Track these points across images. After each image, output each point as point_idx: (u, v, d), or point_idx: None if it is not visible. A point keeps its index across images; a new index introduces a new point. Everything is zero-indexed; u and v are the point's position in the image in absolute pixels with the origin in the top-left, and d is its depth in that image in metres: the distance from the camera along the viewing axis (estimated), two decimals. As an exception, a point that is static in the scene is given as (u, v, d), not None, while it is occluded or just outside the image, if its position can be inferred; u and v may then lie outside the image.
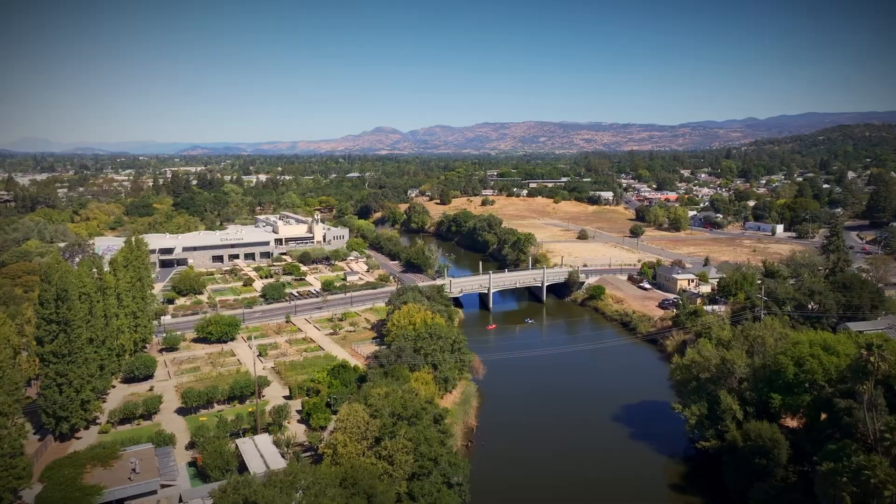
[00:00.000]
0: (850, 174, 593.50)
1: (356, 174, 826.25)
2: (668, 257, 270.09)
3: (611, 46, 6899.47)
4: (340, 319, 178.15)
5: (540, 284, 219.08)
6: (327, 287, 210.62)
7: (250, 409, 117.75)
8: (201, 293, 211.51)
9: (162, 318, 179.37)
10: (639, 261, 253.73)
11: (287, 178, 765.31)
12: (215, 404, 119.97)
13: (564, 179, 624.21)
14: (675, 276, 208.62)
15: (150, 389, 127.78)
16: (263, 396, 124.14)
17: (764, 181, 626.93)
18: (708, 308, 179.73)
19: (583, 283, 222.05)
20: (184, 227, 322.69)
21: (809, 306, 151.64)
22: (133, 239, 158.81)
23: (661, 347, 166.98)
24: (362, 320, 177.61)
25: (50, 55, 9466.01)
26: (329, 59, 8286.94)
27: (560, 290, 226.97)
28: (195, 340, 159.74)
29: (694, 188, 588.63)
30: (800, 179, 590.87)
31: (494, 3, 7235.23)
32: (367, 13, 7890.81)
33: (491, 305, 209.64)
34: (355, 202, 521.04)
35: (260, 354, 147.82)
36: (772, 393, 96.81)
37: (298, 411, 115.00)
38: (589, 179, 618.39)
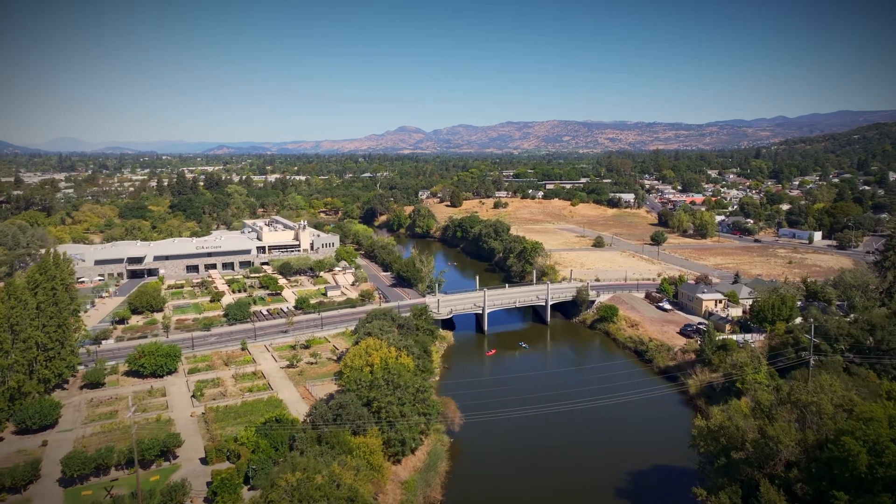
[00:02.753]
0: (892, 175, 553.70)
1: (368, 174, 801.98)
2: (693, 269, 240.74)
3: (637, 44, 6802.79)
4: (304, 347, 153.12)
5: (543, 303, 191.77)
6: (301, 305, 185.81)
7: (153, 478, 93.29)
8: (161, 310, 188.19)
9: (104, 342, 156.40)
10: (658, 275, 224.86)
11: (300, 178, 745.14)
12: (112, 470, 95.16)
13: (584, 180, 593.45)
14: (699, 295, 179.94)
15: (44, 444, 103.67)
16: (176, 458, 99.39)
17: (797, 182, 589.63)
18: (739, 338, 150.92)
19: (593, 301, 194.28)
20: (165, 232, 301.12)
21: (868, 342, 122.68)
22: (51, 253, 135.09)
23: (682, 386, 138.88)
24: (329, 348, 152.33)
25: (84, 57, 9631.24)
26: (354, 59, 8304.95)
27: (568, 308, 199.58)
28: (128, 373, 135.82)
29: (722, 190, 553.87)
30: (836, 181, 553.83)
31: (518, 1, 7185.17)
32: (391, 13, 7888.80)
33: (486, 327, 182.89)
34: (362, 204, 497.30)
35: (194, 395, 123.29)
36: (834, 490, 69.02)
37: (209, 483, 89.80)
38: (609, 180, 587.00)
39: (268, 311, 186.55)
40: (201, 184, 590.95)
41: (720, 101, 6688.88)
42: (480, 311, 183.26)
